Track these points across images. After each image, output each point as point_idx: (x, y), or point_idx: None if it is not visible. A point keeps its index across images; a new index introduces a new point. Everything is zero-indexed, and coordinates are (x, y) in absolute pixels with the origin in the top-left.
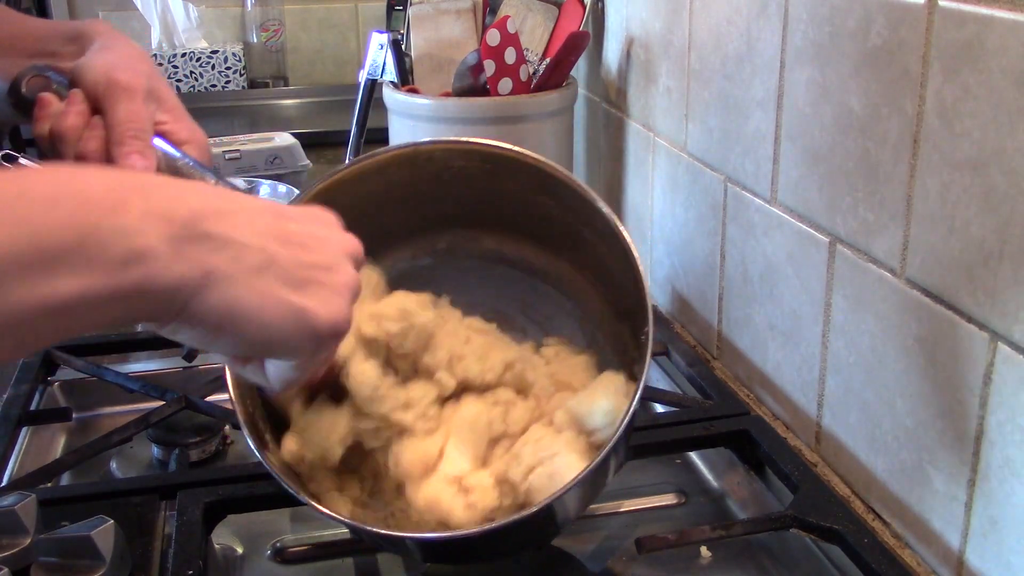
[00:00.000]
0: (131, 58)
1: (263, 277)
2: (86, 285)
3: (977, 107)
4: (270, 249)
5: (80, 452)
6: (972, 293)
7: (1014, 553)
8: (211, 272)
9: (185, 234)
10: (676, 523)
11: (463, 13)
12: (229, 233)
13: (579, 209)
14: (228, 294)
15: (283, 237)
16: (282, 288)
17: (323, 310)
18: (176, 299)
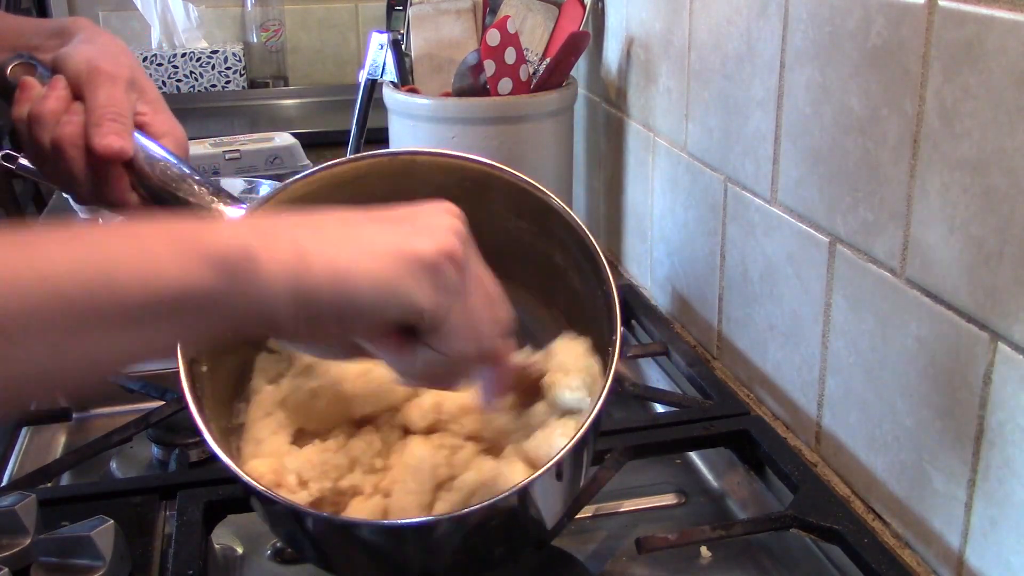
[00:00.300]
0: (114, 50)
1: (353, 237)
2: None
3: (977, 107)
4: (350, 218)
5: (80, 452)
6: (972, 293)
7: (1014, 553)
8: (303, 249)
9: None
10: (676, 523)
11: (463, 13)
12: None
13: (547, 225)
14: (328, 259)
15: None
16: (377, 239)
17: (424, 243)
18: (280, 285)
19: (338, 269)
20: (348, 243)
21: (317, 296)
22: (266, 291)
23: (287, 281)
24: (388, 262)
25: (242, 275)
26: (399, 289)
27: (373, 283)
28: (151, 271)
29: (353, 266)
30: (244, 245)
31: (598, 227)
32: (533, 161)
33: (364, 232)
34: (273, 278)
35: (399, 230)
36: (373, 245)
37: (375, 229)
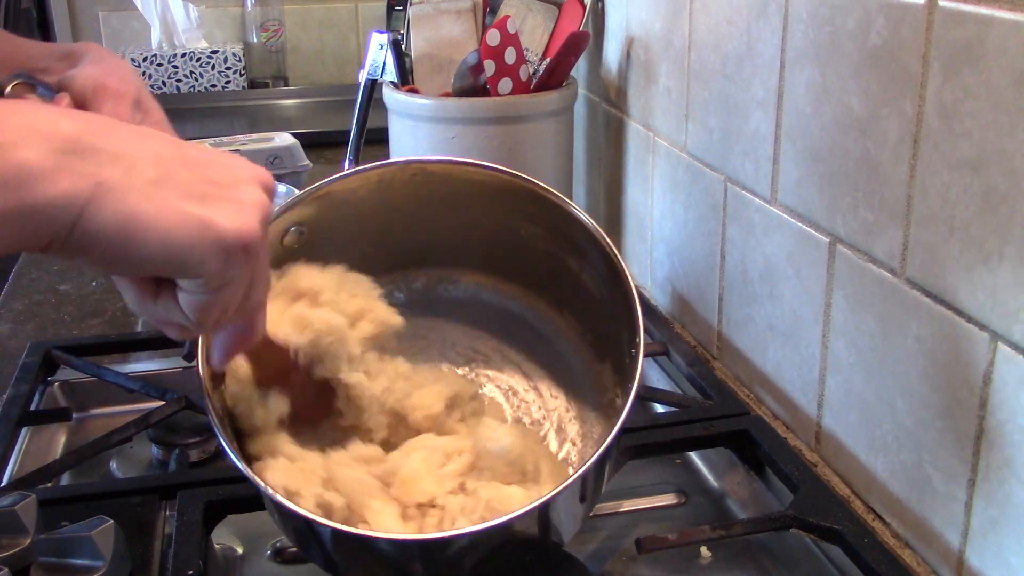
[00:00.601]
0: (121, 70)
1: (161, 190)
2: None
3: (977, 107)
4: (168, 165)
5: (80, 452)
6: (972, 293)
7: (1014, 553)
8: (102, 183)
9: (70, 148)
10: (676, 523)
11: (463, 13)
12: (121, 148)
13: (563, 230)
14: (124, 205)
15: (181, 158)
16: (182, 200)
17: (227, 220)
18: (65, 215)
19: (130, 219)
20: (152, 190)
21: (97, 237)
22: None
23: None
24: (185, 229)
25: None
26: (186, 257)
27: (161, 243)
28: None
29: (147, 220)
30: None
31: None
32: (533, 161)
33: (175, 182)
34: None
35: (209, 193)
36: (177, 203)
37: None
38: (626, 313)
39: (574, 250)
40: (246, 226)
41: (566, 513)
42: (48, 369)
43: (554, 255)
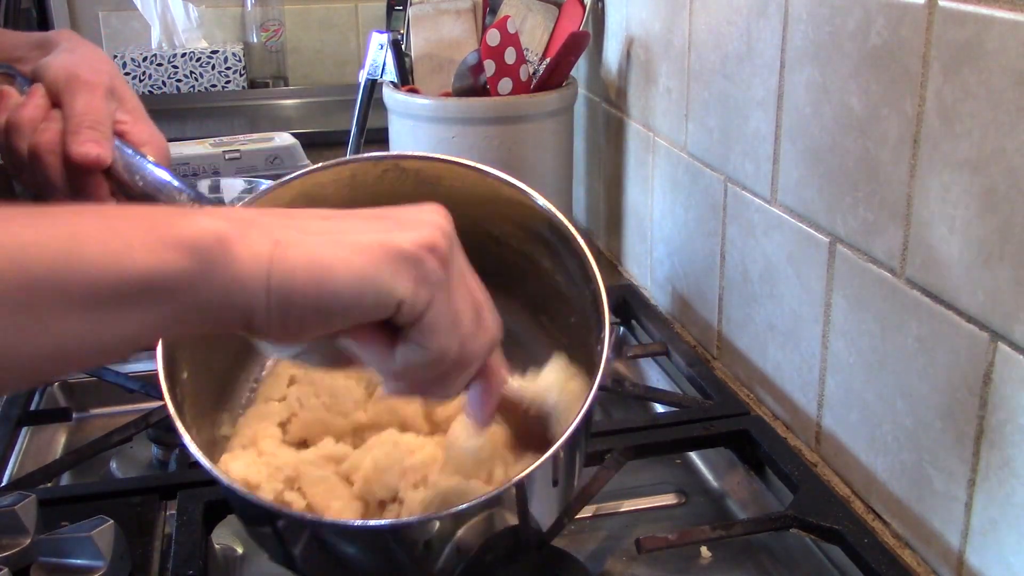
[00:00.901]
0: (94, 59)
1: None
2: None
3: (977, 107)
4: (334, 218)
5: (80, 452)
6: (972, 293)
7: (1014, 553)
8: (279, 241)
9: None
10: (676, 523)
11: (463, 13)
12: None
13: (534, 227)
14: (305, 250)
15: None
16: (358, 234)
17: (403, 233)
18: (254, 274)
19: (315, 260)
20: (327, 236)
21: (292, 287)
22: (239, 280)
23: (261, 271)
24: (368, 254)
25: (214, 262)
26: (378, 279)
27: (352, 274)
28: (119, 252)
29: (331, 258)
30: (218, 231)
31: (598, 227)
32: (533, 161)
33: (344, 226)
34: (247, 267)
35: (381, 225)
36: (353, 238)
37: (356, 224)
38: (595, 310)
39: (546, 248)
40: (426, 236)
41: (539, 498)
42: None
43: (528, 255)
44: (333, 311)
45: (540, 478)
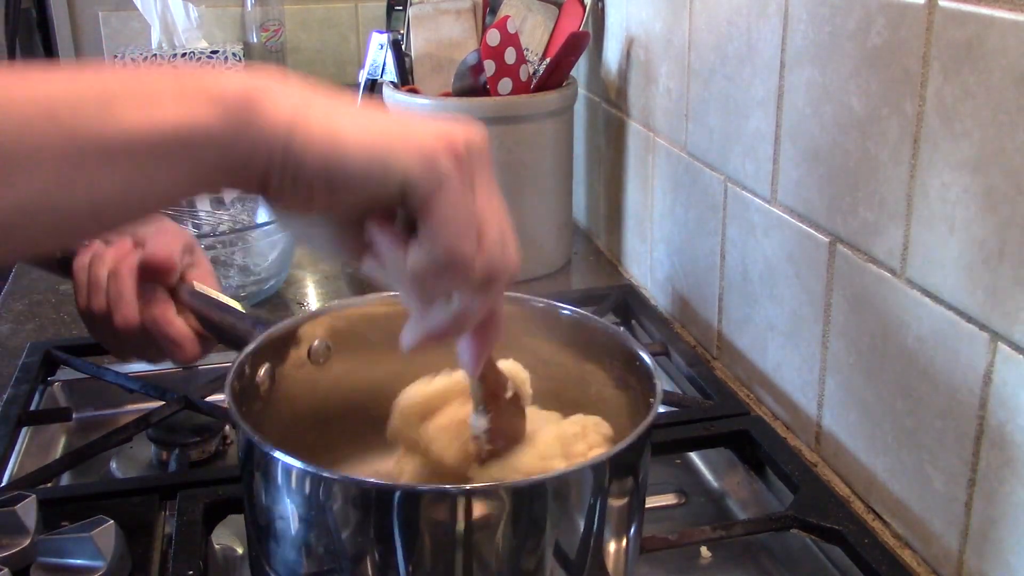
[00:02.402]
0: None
1: (355, 115)
2: (190, 115)
3: (977, 107)
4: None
5: (80, 452)
6: (972, 293)
7: (1014, 553)
8: (309, 104)
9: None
10: (676, 523)
11: (463, 13)
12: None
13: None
14: (324, 119)
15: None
16: (379, 123)
17: (425, 131)
18: (278, 134)
19: (331, 130)
20: (350, 117)
21: (309, 154)
22: (262, 137)
23: (282, 131)
24: (383, 136)
25: (241, 117)
26: (386, 157)
27: (362, 149)
28: (153, 106)
29: (347, 131)
30: (246, 88)
31: (598, 227)
32: (533, 161)
33: (369, 113)
34: (270, 126)
35: (407, 119)
36: (374, 123)
37: (381, 115)
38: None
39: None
40: (447, 134)
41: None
42: (48, 369)
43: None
44: (339, 181)
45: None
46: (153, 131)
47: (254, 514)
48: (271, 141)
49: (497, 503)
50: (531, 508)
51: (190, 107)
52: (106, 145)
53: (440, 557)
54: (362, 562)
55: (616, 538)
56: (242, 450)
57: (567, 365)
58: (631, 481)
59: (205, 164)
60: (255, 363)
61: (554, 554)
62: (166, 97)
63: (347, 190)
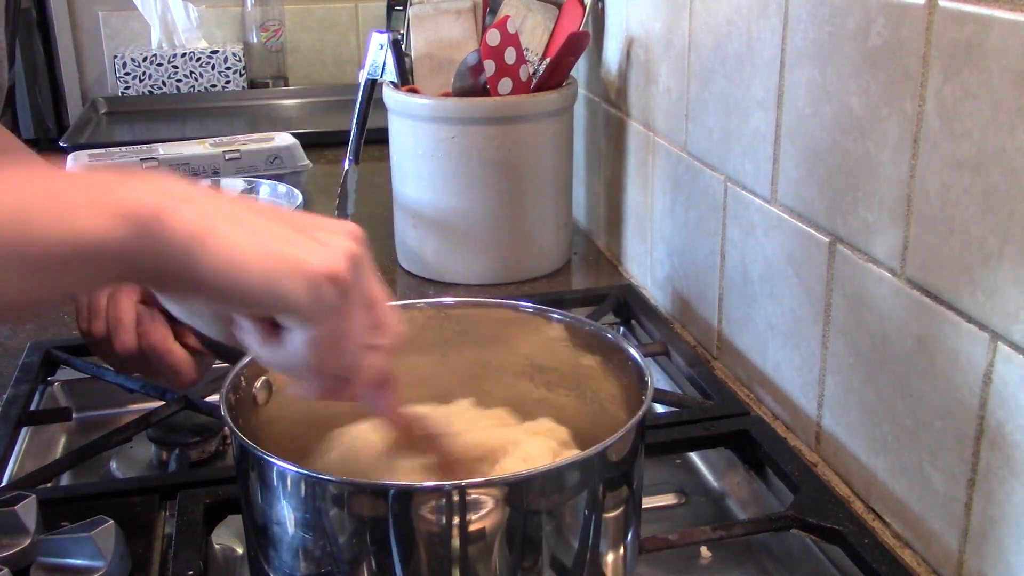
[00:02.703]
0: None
1: (259, 235)
2: (103, 228)
3: (977, 107)
4: (265, 218)
5: (80, 452)
6: (972, 293)
7: (1014, 553)
8: (211, 227)
9: (186, 199)
10: (676, 523)
11: (463, 13)
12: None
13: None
14: (228, 244)
15: (278, 214)
16: (277, 243)
17: (316, 257)
18: (181, 250)
19: (232, 255)
20: (251, 235)
21: (205, 268)
22: (164, 250)
23: (183, 246)
24: (280, 264)
25: (148, 231)
26: (282, 290)
27: (259, 275)
28: (68, 223)
29: (248, 257)
30: (156, 205)
31: (598, 227)
32: (533, 161)
33: (269, 230)
34: (173, 239)
35: (298, 240)
36: (272, 244)
37: (279, 231)
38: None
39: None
40: (333, 263)
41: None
42: (48, 369)
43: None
44: (234, 298)
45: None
46: (68, 244)
47: (251, 518)
48: (173, 252)
49: (492, 498)
50: (525, 502)
51: (102, 220)
52: (23, 255)
53: (437, 553)
54: (359, 562)
55: (614, 533)
56: (236, 457)
57: (561, 369)
58: (626, 473)
59: (109, 270)
60: (251, 376)
61: (551, 551)
62: (81, 209)
63: (240, 304)
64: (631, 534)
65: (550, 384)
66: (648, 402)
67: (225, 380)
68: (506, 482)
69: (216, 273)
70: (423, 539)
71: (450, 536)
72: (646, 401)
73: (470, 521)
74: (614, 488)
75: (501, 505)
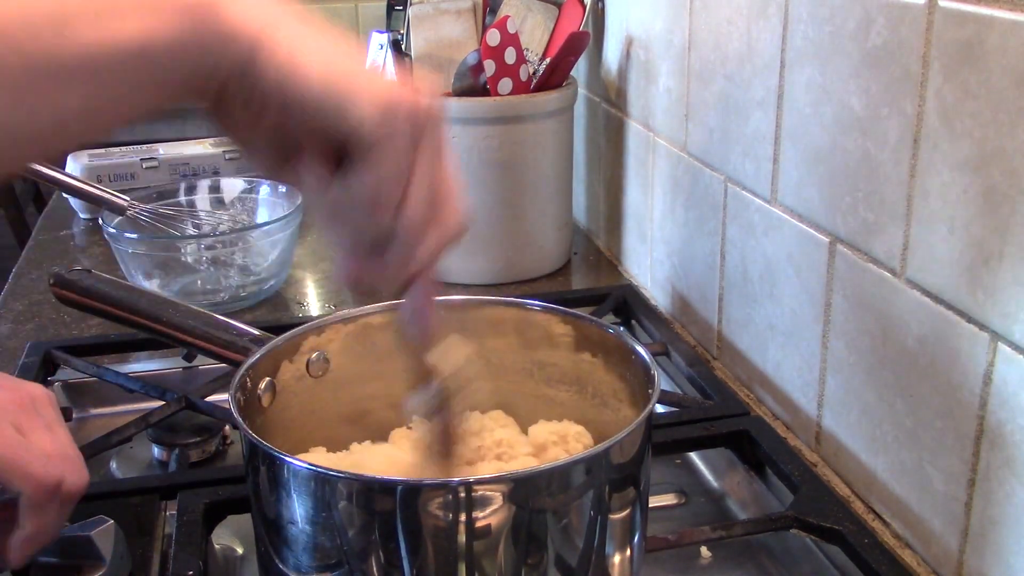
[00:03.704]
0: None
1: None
2: (150, 27)
3: (977, 107)
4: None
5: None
6: (972, 293)
7: (1014, 553)
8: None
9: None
10: (676, 523)
11: (463, 13)
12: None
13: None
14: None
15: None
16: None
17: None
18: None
19: (297, 59)
20: (317, 46)
21: (269, 74)
22: (224, 50)
23: (246, 47)
24: (348, 78)
25: (205, 27)
26: (349, 100)
27: (326, 87)
28: (111, 20)
29: (313, 65)
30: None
31: (598, 227)
32: (533, 161)
33: (337, 46)
34: (234, 38)
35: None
36: (340, 60)
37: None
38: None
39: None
40: (411, 93)
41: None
42: (48, 369)
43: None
44: (293, 108)
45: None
46: (112, 46)
47: (261, 514)
48: (233, 54)
49: (499, 494)
50: (532, 499)
51: (150, 18)
52: (64, 64)
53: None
54: (368, 557)
55: (620, 534)
56: (246, 455)
57: (564, 367)
58: (633, 473)
59: (166, 76)
60: (255, 378)
61: (557, 549)
62: (126, 9)
63: (298, 118)
64: (637, 535)
65: (550, 381)
66: (655, 398)
67: (233, 380)
68: (512, 479)
69: (279, 74)
70: (430, 534)
71: (456, 532)
72: (653, 397)
73: (476, 517)
74: (621, 488)
75: (507, 502)
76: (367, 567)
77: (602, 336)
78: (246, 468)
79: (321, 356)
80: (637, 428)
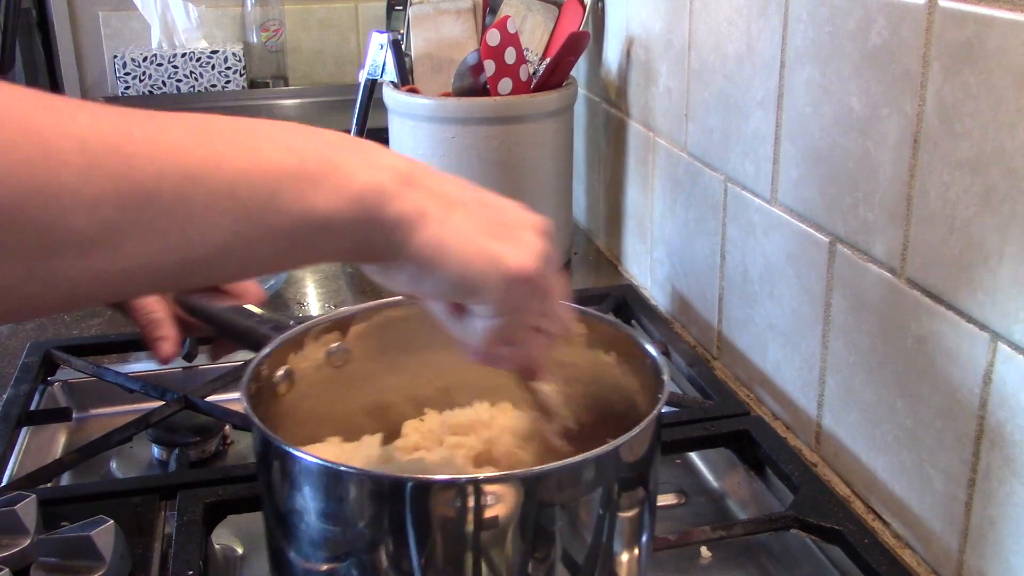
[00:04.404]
0: None
1: (466, 224)
2: (335, 207)
3: (977, 107)
4: (472, 206)
5: (80, 452)
6: (972, 293)
7: (1014, 553)
8: (425, 213)
9: (408, 180)
10: (676, 523)
11: (463, 13)
12: (440, 187)
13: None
14: (438, 232)
15: (481, 202)
16: (480, 236)
17: (513, 257)
18: (397, 233)
19: (440, 242)
20: (460, 224)
21: (417, 254)
22: (381, 232)
23: (402, 233)
24: (481, 259)
25: (372, 216)
26: (479, 284)
27: (462, 269)
28: (311, 197)
29: (455, 246)
30: (383, 187)
31: (598, 227)
32: (533, 161)
33: (476, 219)
34: (391, 225)
35: (501, 233)
36: (476, 237)
37: (484, 222)
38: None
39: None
40: (528, 263)
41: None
42: (48, 369)
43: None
44: (432, 286)
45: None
46: (308, 220)
47: (273, 507)
48: (388, 233)
49: (508, 493)
50: (541, 498)
51: (335, 198)
52: (270, 227)
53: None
54: (377, 551)
55: (628, 534)
56: (258, 448)
57: (579, 364)
58: (642, 473)
59: (337, 246)
60: (272, 365)
61: (565, 549)
62: (322, 186)
63: (433, 288)
64: (645, 536)
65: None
66: (664, 399)
67: (246, 371)
68: (521, 478)
69: (421, 258)
70: (439, 531)
71: (464, 529)
72: (662, 398)
73: (485, 516)
74: (630, 488)
75: (516, 501)
76: (377, 561)
77: (614, 335)
78: (258, 461)
79: (341, 347)
80: (647, 428)
